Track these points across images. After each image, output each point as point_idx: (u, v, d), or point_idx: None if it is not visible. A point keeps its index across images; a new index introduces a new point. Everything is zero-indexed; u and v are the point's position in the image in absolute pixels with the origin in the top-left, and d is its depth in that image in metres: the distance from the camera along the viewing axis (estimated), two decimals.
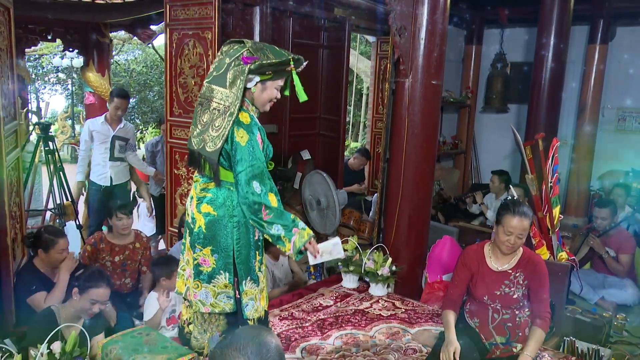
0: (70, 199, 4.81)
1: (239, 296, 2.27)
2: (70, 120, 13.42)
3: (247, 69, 2.13)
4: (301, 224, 2.19)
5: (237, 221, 2.22)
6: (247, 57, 2.13)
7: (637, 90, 6.31)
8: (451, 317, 2.52)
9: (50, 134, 4.74)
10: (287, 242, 2.13)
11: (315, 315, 3.18)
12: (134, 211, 4.50)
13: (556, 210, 3.54)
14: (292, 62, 2.22)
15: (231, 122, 2.13)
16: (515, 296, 2.46)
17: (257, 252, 2.30)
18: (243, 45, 2.20)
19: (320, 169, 4.62)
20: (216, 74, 2.21)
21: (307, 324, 3.06)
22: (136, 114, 15.20)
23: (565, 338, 2.99)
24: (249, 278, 2.27)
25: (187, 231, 2.34)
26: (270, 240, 2.21)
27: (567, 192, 6.52)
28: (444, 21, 3.52)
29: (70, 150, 12.42)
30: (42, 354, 2.14)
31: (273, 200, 2.15)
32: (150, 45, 11.56)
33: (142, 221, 5.47)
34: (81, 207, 5.59)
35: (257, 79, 2.20)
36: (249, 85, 2.20)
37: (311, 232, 2.19)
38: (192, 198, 2.32)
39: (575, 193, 6.47)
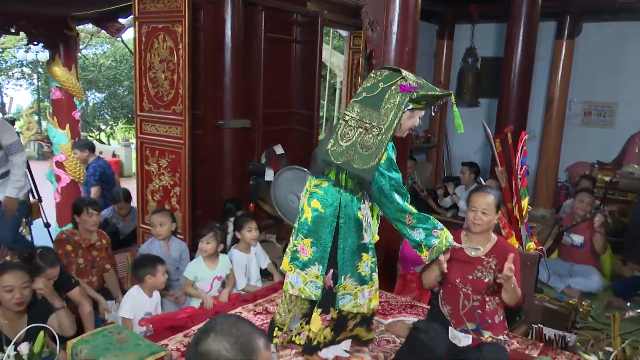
0: (37, 197, 4.70)
1: (331, 288, 2.44)
2: (36, 116, 13.06)
3: (408, 96, 2.28)
4: (440, 225, 2.34)
5: (342, 222, 2.39)
6: (406, 86, 2.28)
7: (603, 84, 6.50)
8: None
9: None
10: (426, 250, 2.32)
11: None
12: None
13: (525, 202, 3.63)
14: (452, 97, 2.41)
15: (385, 143, 2.29)
16: (486, 280, 2.53)
17: (367, 255, 2.45)
18: (399, 73, 2.32)
19: (294, 164, 4.61)
20: (367, 95, 2.35)
21: None
22: (106, 109, 14.87)
23: (533, 325, 3.07)
24: (349, 275, 2.42)
25: (297, 218, 2.50)
26: (413, 246, 2.38)
27: (536, 184, 6.69)
28: (415, 16, 3.55)
29: (37, 147, 12.10)
30: (9, 356, 2.09)
31: (413, 208, 2.34)
32: (119, 38, 11.32)
33: None
34: (50, 205, 5.47)
35: (410, 107, 2.34)
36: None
37: (450, 240, 2.33)
38: (306, 191, 2.50)
39: (544, 185, 6.64)
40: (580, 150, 6.66)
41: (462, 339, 2.42)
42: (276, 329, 2.56)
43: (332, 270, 2.43)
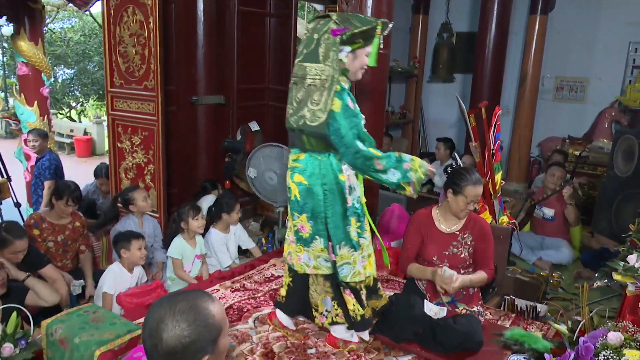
0: (5, 176, 4.57)
1: (334, 259, 2.37)
2: (2, 93, 12.61)
3: (338, 39, 2.19)
4: (407, 157, 2.30)
5: (326, 189, 2.31)
6: (336, 29, 2.19)
7: (575, 60, 6.58)
8: (417, 265, 2.70)
9: None
10: (407, 186, 2.27)
11: (267, 286, 3.20)
12: None
13: (498, 176, 3.69)
14: (379, 27, 2.24)
15: (332, 94, 2.21)
16: (462, 255, 2.59)
17: (353, 219, 2.35)
18: (329, 18, 2.23)
19: (269, 140, 4.57)
20: (307, 52, 2.27)
21: (259, 295, 3.08)
22: (76, 85, 14.44)
23: (505, 297, 3.15)
24: (343, 243, 2.34)
25: (288, 198, 2.46)
26: (394, 189, 2.33)
27: (509, 158, 6.79)
28: None
29: (4, 125, 11.73)
30: None
31: (377, 151, 2.28)
32: (87, 12, 10.94)
33: None
34: (20, 184, 5.33)
35: (348, 49, 2.24)
36: (340, 56, 2.24)
37: (421, 161, 2.31)
38: (287, 168, 2.46)
39: (517, 160, 6.75)
40: (552, 125, 6.77)
41: (437, 312, 2.47)
42: (313, 310, 2.53)
43: (329, 242, 2.38)
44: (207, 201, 4.19)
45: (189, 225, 3.50)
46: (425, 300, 2.53)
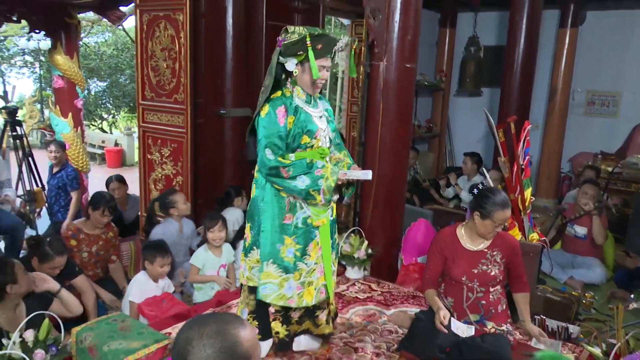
0: (40, 185, 4.70)
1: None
2: (38, 105, 13.02)
3: (278, 50, 2.26)
4: (319, 163, 2.26)
5: (266, 201, 2.33)
6: (281, 39, 2.26)
7: (607, 74, 6.44)
8: (433, 292, 2.63)
9: (17, 118, 4.60)
10: (318, 195, 2.22)
11: None
12: None
13: (528, 192, 3.61)
14: (308, 39, 2.20)
15: (263, 100, 2.29)
16: (492, 273, 2.54)
17: (289, 239, 2.31)
18: (286, 30, 2.29)
19: None
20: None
21: None
22: (107, 98, 14.82)
23: (535, 316, 3.07)
24: (270, 260, 2.31)
25: None
26: (307, 201, 2.28)
27: (538, 174, 6.66)
28: (417, 4, 3.52)
29: (40, 136, 12.09)
30: (14, 343, 2.10)
31: (287, 159, 2.25)
32: (120, 27, 11.26)
33: None
34: None
35: (294, 60, 2.26)
36: (289, 68, 2.28)
37: (333, 168, 2.26)
38: None
39: (546, 175, 6.62)
40: (583, 140, 6.62)
41: (465, 330, 2.42)
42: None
43: None
44: (228, 214, 4.11)
45: (207, 236, 3.50)
46: (452, 318, 2.49)
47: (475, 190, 2.64)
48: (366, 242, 3.62)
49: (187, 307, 3.11)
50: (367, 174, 2.32)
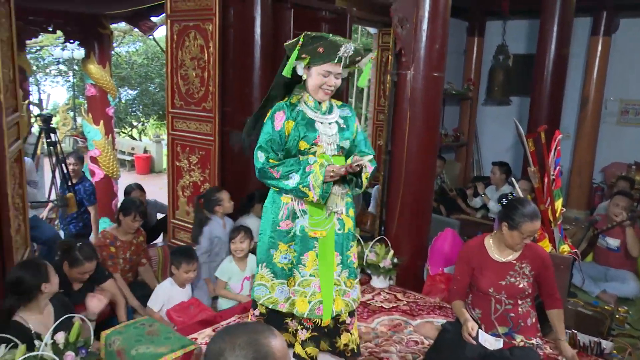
0: (72, 191, 4.81)
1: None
2: (71, 112, 13.39)
3: (286, 53, 2.26)
4: (310, 159, 2.20)
5: (267, 206, 2.37)
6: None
7: None
8: (461, 304, 2.59)
9: (51, 125, 4.73)
10: (308, 191, 2.16)
11: None
12: None
13: (558, 203, 3.54)
14: (301, 39, 2.17)
15: (267, 102, 2.34)
16: (520, 286, 2.48)
17: (284, 245, 2.29)
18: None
19: None
20: None
21: None
22: (137, 106, 15.16)
23: (567, 331, 2.99)
24: (264, 264, 2.33)
25: None
26: (305, 200, 2.23)
27: (570, 184, 6.52)
28: (445, 12, 3.50)
29: (72, 142, 12.42)
30: (46, 344, 2.15)
31: (273, 162, 2.23)
32: (151, 37, 11.52)
33: None
34: None
35: (301, 64, 2.24)
36: (299, 72, 2.27)
37: (322, 162, 2.19)
38: None
39: (578, 186, 6.47)
40: (616, 150, 6.46)
41: (493, 343, 2.37)
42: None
43: None
44: (248, 222, 3.99)
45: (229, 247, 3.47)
46: (480, 330, 2.44)
47: (504, 200, 2.58)
48: (392, 251, 3.60)
49: (213, 312, 3.13)
50: (370, 161, 2.27)
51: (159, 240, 4.80)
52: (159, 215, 4.96)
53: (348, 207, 2.38)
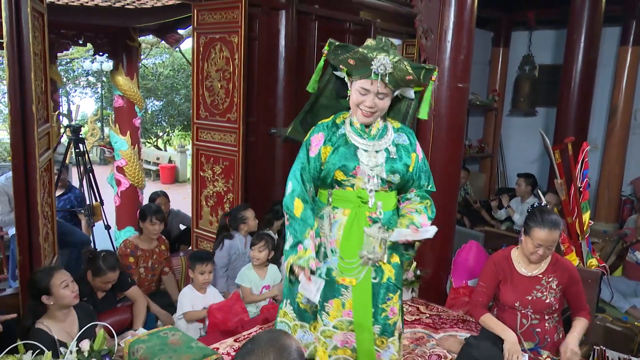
0: (99, 200, 4.91)
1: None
2: (99, 123, 13.73)
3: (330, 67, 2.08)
4: (307, 243, 1.89)
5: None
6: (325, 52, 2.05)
7: None
8: (492, 317, 2.52)
9: (80, 136, 4.84)
10: (284, 259, 2.01)
11: None
12: None
13: (586, 216, 3.46)
14: (326, 47, 1.94)
15: (301, 115, 2.25)
16: (547, 301, 2.43)
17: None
18: None
19: None
20: None
21: None
22: (163, 116, 15.44)
23: (595, 347, 2.91)
24: (288, 301, 2.13)
25: None
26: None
27: (597, 197, 6.37)
28: (470, 23, 3.48)
29: (99, 152, 12.71)
30: (71, 352, 2.18)
31: (298, 206, 1.93)
32: (177, 49, 11.75)
33: None
34: (110, 208, 5.71)
35: (344, 74, 1.99)
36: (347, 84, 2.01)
37: (309, 264, 1.87)
38: None
39: (606, 198, 6.32)
40: None
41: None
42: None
43: None
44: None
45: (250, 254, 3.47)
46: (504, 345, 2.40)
47: (530, 209, 2.53)
48: (415, 263, 3.56)
49: (248, 318, 3.11)
50: (427, 232, 1.93)
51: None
52: (182, 227, 5.01)
53: (390, 253, 2.03)
